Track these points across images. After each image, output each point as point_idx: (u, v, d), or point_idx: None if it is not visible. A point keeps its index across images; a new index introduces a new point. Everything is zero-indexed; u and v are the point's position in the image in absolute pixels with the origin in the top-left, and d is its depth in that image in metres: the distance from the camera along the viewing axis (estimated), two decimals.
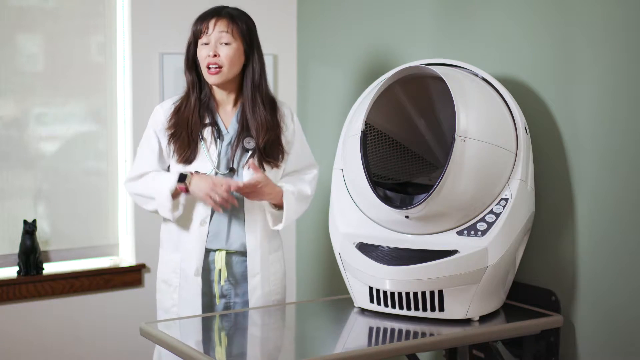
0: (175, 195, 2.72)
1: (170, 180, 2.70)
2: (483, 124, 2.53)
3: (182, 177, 2.70)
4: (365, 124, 2.66)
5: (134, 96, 3.56)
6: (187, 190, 2.69)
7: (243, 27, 2.74)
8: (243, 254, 2.79)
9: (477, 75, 2.72)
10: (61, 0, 3.50)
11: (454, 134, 2.48)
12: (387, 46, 3.36)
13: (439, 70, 2.58)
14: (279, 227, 2.80)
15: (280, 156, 2.79)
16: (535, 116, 2.74)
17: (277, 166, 2.79)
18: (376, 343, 2.51)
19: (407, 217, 2.57)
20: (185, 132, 2.74)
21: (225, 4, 2.80)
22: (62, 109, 3.54)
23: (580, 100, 2.63)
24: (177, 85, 3.57)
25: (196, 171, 2.73)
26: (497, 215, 2.55)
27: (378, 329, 2.56)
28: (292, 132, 2.85)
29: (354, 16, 3.54)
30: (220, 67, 2.71)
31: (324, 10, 3.74)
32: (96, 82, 3.57)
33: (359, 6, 3.51)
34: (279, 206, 2.78)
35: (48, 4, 3.50)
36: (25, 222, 3.39)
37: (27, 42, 3.48)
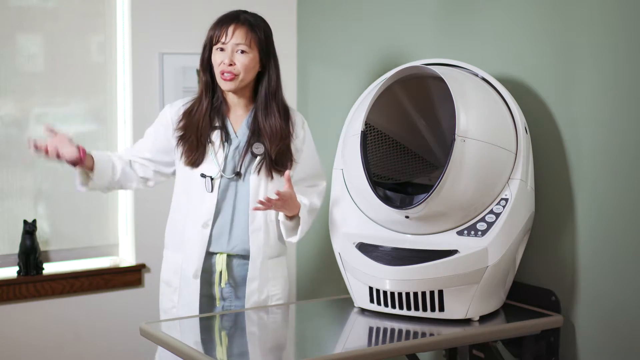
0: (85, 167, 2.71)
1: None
2: (483, 124, 2.53)
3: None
4: (365, 124, 2.66)
5: (134, 96, 3.56)
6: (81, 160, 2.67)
7: (261, 36, 2.72)
8: (244, 257, 2.78)
9: (477, 75, 2.72)
10: (61, 0, 3.50)
11: (454, 134, 2.48)
12: (387, 46, 3.36)
13: (439, 70, 2.58)
14: (294, 239, 2.78)
15: (289, 165, 2.78)
16: (535, 116, 2.74)
17: None
18: (376, 343, 2.51)
19: (407, 217, 2.57)
20: (194, 135, 2.74)
21: (228, 6, 2.78)
22: (62, 109, 3.54)
23: (580, 100, 2.63)
24: (177, 85, 3.57)
25: (203, 178, 2.73)
26: (497, 215, 2.55)
27: (378, 329, 2.56)
28: (302, 140, 2.84)
29: (354, 16, 3.54)
30: (235, 75, 2.70)
31: (324, 10, 3.74)
32: (96, 82, 3.57)
33: (359, 6, 3.51)
34: (290, 217, 2.76)
35: (48, 4, 3.50)
36: (25, 222, 3.38)
37: (27, 42, 3.48)
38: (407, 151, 2.91)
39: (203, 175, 2.73)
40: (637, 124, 2.47)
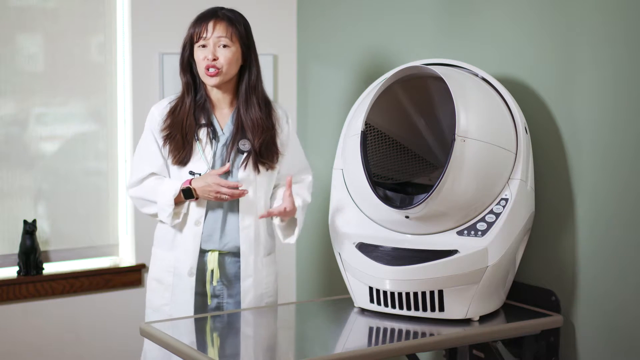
0: (178, 202, 2.73)
1: (173, 187, 2.71)
2: (483, 124, 2.53)
3: (187, 191, 2.70)
4: (365, 124, 2.66)
5: (134, 96, 3.56)
6: (196, 198, 2.70)
7: (242, 30, 2.74)
8: (236, 254, 2.79)
9: (477, 75, 2.72)
10: (61, 0, 3.50)
11: (454, 134, 2.48)
12: (387, 46, 3.36)
13: (439, 70, 2.58)
14: (292, 240, 2.80)
15: (275, 157, 2.79)
16: (535, 116, 2.74)
17: (272, 167, 2.79)
18: (376, 343, 2.51)
19: (407, 217, 2.57)
20: (179, 134, 2.74)
21: (223, 5, 2.79)
22: (62, 109, 3.54)
23: (580, 100, 2.63)
24: (176, 85, 3.55)
25: (192, 175, 2.73)
26: (497, 215, 2.55)
27: (378, 329, 2.56)
28: (287, 134, 2.85)
29: (354, 16, 3.54)
30: (218, 69, 2.71)
31: (324, 10, 3.74)
32: (96, 82, 3.57)
33: (359, 6, 3.51)
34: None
35: (48, 4, 3.50)
36: (25, 222, 3.39)
37: (27, 42, 3.48)
38: (407, 151, 2.91)
39: (192, 173, 2.74)
40: (637, 124, 2.47)
